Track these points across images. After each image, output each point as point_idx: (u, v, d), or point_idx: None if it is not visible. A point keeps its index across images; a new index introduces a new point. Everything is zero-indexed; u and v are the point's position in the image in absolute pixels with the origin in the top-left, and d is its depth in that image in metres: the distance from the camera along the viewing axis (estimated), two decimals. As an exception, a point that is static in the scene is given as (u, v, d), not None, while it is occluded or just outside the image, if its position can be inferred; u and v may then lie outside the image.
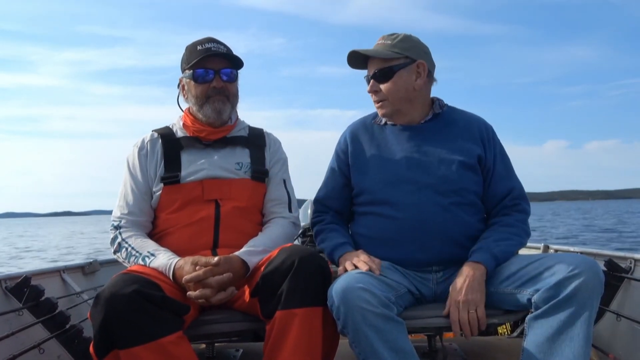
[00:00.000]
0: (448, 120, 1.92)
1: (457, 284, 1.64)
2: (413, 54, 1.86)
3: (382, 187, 1.84)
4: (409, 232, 1.76)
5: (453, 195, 1.79)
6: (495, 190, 1.87)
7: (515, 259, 1.68)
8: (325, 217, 1.99)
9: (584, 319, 1.45)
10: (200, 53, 1.87)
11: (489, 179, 1.87)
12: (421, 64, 1.86)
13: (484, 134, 1.90)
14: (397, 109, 1.88)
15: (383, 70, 1.85)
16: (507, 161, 1.92)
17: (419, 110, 1.92)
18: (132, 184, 1.89)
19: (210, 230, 1.82)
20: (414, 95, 1.88)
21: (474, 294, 1.61)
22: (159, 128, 2.01)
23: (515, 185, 1.88)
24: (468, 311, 1.59)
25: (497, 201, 1.87)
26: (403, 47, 1.85)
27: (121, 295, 1.44)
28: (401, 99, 1.86)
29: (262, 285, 1.59)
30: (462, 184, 1.81)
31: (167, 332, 1.47)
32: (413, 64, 1.85)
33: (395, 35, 1.88)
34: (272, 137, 2.08)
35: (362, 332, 1.47)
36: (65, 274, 2.66)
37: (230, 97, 1.93)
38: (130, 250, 1.77)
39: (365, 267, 1.64)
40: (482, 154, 1.86)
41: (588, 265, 1.49)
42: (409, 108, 1.89)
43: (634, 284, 2.22)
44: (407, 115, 1.91)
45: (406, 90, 1.86)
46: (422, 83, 1.87)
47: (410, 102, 1.88)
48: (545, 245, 3.05)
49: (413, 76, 1.86)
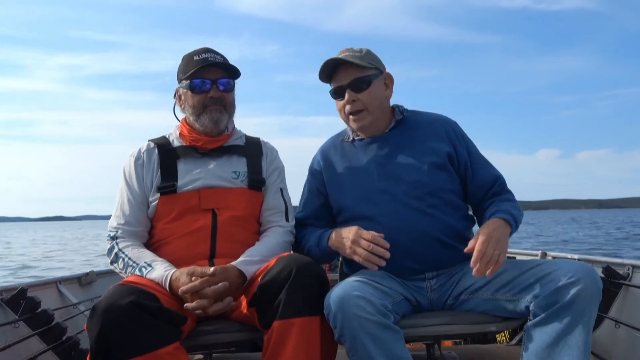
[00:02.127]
0: (412, 125, 1.94)
1: (489, 225, 1.63)
2: (380, 66, 1.90)
3: (360, 202, 1.85)
4: (394, 242, 1.73)
5: (429, 197, 1.80)
6: (482, 180, 1.88)
7: (513, 266, 1.68)
8: (306, 230, 1.98)
9: (582, 326, 1.45)
10: (197, 63, 1.87)
11: (470, 171, 1.89)
12: (388, 75, 1.91)
13: (450, 131, 1.92)
14: (375, 118, 1.89)
15: (359, 79, 1.85)
16: (477, 150, 1.95)
17: (385, 120, 1.94)
18: (128, 194, 1.89)
19: (207, 239, 1.81)
20: (385, 105, 1.92)
21: (503, 241, 1.58)
22: (155, 138, 2.01)
23: (499, 174, 1.91)
24: (493, 251, 1.54)
25: (485, 190, 1.88)
26: (371, 59, 1.88)
27: (118, 307, 1.43)
28: (377, 109, 1.88)
29: (260, 295, 1.58)
30: (437, 184, 1.82)
31: (164, 343, 1.46)
32: (381, 75, 1.89)
33: (359, 49, 1.89)
34: (269, 146, 2.08)
35: (359, 340, 1.46)
36: (61, 286, 2.64)
37: (227, 107, 1.94)
38: (127, 261, 1.76)
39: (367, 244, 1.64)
40: (452, 151, 1.88)
41: (586, 272, 1.49)
42: (380, 118, 1.92)
43: (632, 291, 2.22)
44: (378, 126, 1.93)
45: (381, 101, 1.89)
46: (390, 95, 1.93)
47: (382, 112, 1.92)
48: (542, 252, 3.05)
49: (383, 87, 1.90)
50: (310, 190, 2.02)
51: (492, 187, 1.88)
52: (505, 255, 1.60)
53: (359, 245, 1.68)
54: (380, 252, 1.65)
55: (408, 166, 1.84)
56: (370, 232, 1.68)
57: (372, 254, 1.65)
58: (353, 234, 1.71)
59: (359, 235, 1.69)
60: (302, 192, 2.07)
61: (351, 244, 1.70)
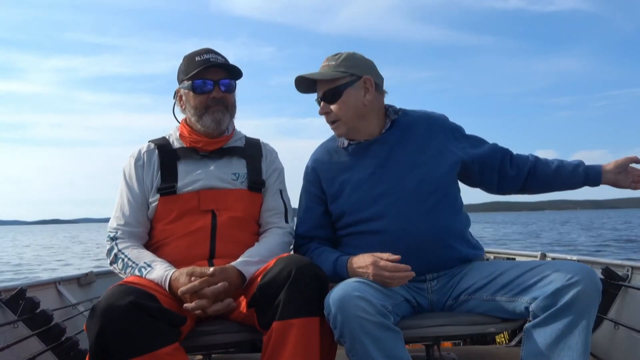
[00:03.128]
0: (407, 124, 1.92)
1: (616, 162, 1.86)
2: (358, 70, 1.84)
3: (362, 206, 1.83)
4: (396, 244, 1.74)
5: (432, 196, 1.79)
6: (486, 155, 1.93)
7: (512, 267, 1.68)
8: (311, 245, 1.94)
9: (582, 327, 1.45)
10: (199, 64, 1.87)
11: (480, 159, 1.91)
12: (367, 79, 1.85)
13: (439, 125, 1.92)
14: (352, 126, 1.87)
15: (330, 90, 1.84)
16: (471, 135, 1.97)
17: (375, 123, 1.90)
18: (128, 195, 1.89)
19: (206, 240, 1.81)
20: (365, 111, 1.86)
21: None
22: (155, 139, 2.01)
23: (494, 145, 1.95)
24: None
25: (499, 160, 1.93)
26: (347, 65, 1.84)
27: (117, 307, 1.43)
28: (352, 117, 1.85)
29: (259, 295, 1.58)
30: (438, 183, 1.82)
31: (163, 343, 1.46)
32: (359, 81, 1.84)
33: (338, 55, 1.88)
34: (269, 148, 2.08)
35: (358, 340, 1.47)
36: (60, 286, 2.64)
37: (229, 108, 1.94)
38: (126, 262, 1.76)
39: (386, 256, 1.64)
40: (445, 145, 1.88)
41: (586, 273, 1.49)
42: (363, 124, 1.88)
43: (631, 292, 2.23)
44: (364, 131, 1.90)
45: (356, 108, 1.85)
46: (371, 98, 1.86)
47: (363, 118, 1.87)
48: (542, 253, 3.05)
49: (361, 92, 1.84)
50: (310, 199, 1.97)
51: (503, 158, 1.93)
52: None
53: (383, 277, 1.63)
54: (404, 276, 1.63)
55: (409, 166, 1.83)
56: (387, 262, 1.63)
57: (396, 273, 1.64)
58: (372, 268, 1.64)
59: (378, 267, 1.64)
60: (300, 204, 2.02)
61: (373, 278, 1.64)
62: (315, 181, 1.96)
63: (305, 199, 1.99)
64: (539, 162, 1.93)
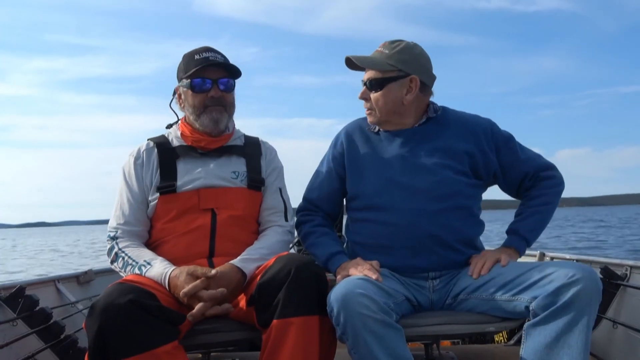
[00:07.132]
0: (442, 123, 1.89)
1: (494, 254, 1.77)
2: (407, 67, 1.81)
3: (377, 192, 1.82)
4: (403, 238, 1.75)
5: (446, 199, 1.78)
6: (512, 179, 1.91)
7: (512, 266, 1.69)
8: (315, 218, 1.97)
9: (582, 326, 1.45)
10: (198, 62, 1.87)
11: (500, 171, 1.89)
12: (414, 79, 1.81)
13: (479, 132, 1.87)
14: (384, 120, 1.87)
15: (375, 80, 1.83)
16: (515, 147, 1.90)
17: (410, 119, 1.88)
18: (128, 194, 1.89)
19: (206, 239, 1.81)
20: (402, 109, 1.85)
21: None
22: (154, 137, 2.00)
23: (528, 170, 1.89)
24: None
25: (516, 186, 1.93)
26: (399, 58, 1.81)
27: (116, 305, 1.43)
28: (388, 112, 1.84)
29: (258, 294, 1.58)
30: (457, 187, 1.80)
31: (162, 342, 1.46)
32: (406, 79, 1.81)
33: (397, 43, 1.84)
34: (268, 146, 2.08)
35: (361, 338, 1.47)
36: (59, 284, 2.64)
37: (228, 107, 1.93)
38: (127, 260, 1.76)
39: (374, 276, 1.63)
40: (478, 152, 1.84)
41: (586, 272, 1.49)
42: (397, 118, 1.87)
43: (629, 291, 2.23)
44: (397, 124, 1.89)
45: (394, 104, 1.83)
46: (411, 98, 1.82)
47: (398, 115, 1.86)
48: (541, 252, 3.05)
49: (404, 90, 1.81)
50: (328, 172, 1.98)
51: (521, 183, 1.91)
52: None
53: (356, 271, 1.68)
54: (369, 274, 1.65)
55: (431, 165, 1.81)
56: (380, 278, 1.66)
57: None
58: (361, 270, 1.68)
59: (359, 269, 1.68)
60: (317, 172, 2.03)
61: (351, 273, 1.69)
62: (339, 155, 1.96)
63: (326, 169, 2.00)
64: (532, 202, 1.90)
